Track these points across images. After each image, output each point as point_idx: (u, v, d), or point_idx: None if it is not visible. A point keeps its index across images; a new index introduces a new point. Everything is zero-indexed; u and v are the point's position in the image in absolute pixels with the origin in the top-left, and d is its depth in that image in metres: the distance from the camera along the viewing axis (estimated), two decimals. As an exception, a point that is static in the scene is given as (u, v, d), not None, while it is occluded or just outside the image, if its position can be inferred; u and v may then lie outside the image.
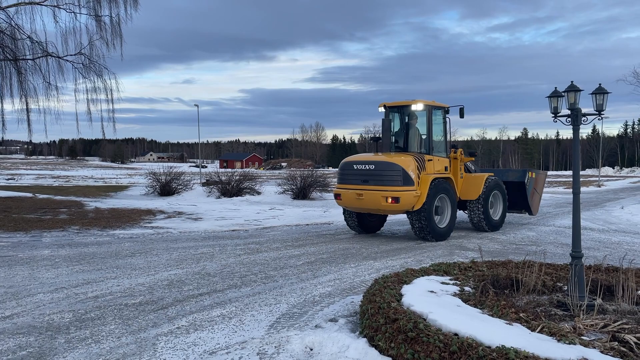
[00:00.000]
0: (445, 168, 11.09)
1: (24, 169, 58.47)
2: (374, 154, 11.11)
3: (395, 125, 11.43)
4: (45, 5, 13.16)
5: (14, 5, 12.95)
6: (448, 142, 11.54)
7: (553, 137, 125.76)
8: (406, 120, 11.26)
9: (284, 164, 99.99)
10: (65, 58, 13.65)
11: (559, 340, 3.73)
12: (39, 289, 6.47)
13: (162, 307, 5.76)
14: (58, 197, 18.59)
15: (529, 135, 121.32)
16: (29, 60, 13.44)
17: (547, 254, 8.49)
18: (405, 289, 5.10)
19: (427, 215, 10.10)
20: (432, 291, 5.08)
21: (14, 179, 36.02)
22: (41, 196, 18.82)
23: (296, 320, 5.34)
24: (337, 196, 10.88)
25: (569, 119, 5.11)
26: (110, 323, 5.20)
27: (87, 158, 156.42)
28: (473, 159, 12.10)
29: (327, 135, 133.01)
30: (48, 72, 13.62)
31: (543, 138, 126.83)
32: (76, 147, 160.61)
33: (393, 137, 11.17)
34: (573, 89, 5.07)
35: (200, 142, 41.31)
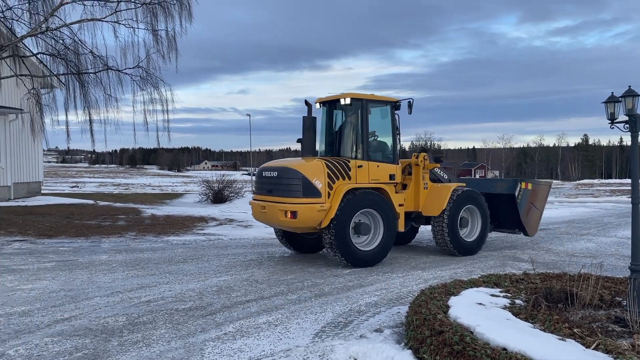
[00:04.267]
0: (391, 176, 9.07)
1: (88, 177, 61.43)
2: (288, 159, 9.56)
3: (333, 125, 9.48)
4: (106, 21, 13.82)
5: (78, 22, 13.68)
6: (398, 144, 9.40)
7: (616, 143, 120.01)
8: (342, 119, 9.35)
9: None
10: (124, 71, 14.26)
11: (615, 358, 3.54)
12: (96, 293, 6.76)
13: (210, 313, 5.89)
14: (117, 204, 19.39)
15: (590, 142, 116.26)
16: (91, 74, 14.14)
17: (607, 266, 8.08)
18: (453, 301, 4.99)
19: (338, 233, 8.16)
20: (480, 303, 4.94)
21: (78, 186, 37.89)
22: (102, 203, 19.69)
23: (341, 330, 5.32)
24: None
25: (627, 126, 4.86)
26: (161, 327, 5.37)
27: (145, 166, 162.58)
28: (439, 165, 10.12)
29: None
30: (108, 85, 14.28)
31: (605, 144, 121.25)
32: (135, 156, 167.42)
33: (326, 139, 9.48)
34: (631, 93, 4.83)
35: (252, 151, 42.10)
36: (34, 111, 14.59)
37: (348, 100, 8.85)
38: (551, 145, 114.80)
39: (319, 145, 9.50)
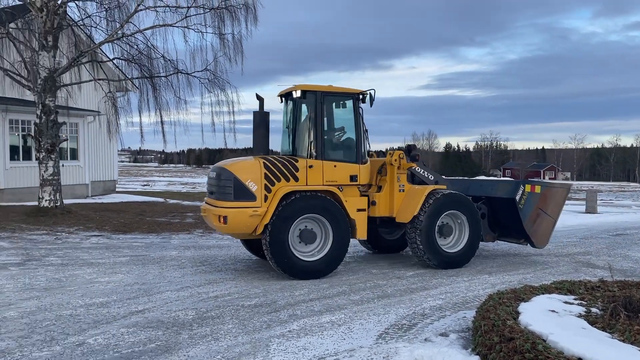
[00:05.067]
0: (353, 177, 8.07)
1: (157, 176, 64.19)
2: (232, 158, 8.66)
3: (290, 120, 8.55)
4: (176, 27, 14.43)
5: (151, 27, 14.36)
6: (363, 141, 8.30)
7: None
8: (297, 113, 8.44)
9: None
10: (193, 74, 14.83)
11: None
12: (167, 287, 7.06)
13: (275, 310, 5.99)
14: (185, 203, 20.15)
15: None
16: (162, 77, 14.81)
17: (694, 276, 7.51)
18: (523, 307, 4.81)
19: (274, 241, 7.38)
20: (553, 311, 4.73)
21: (149, 185, 39.69)
22: (171, 201, 20.53)
23: (405, 332, 5.26)
24: None
25: None
26: (228, 322, 5.52)
27: (211, 166, 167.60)
28: (415, 165, 8.82)
29: (440, 143, 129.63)
30: (178, 88, 14.91)
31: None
32: (202, 156, 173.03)
33: (285, 136, 8.71)
34: None
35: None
36: (110, 113, 15.45)
37: (299, 93, 8.03)
38: (628, 145, 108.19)
39: (281, 144, 8.81)
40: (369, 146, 8.77)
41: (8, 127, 17.67)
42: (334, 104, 8.60)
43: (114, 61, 15.24)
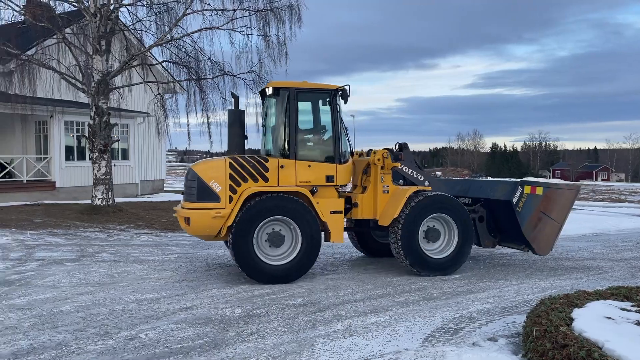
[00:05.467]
0: (329, 178, 7.73)
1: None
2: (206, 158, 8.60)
3: (265, 118, 8.51)
4: (223, 29, 14.71)
5: (198, 30, 14.70)
6: (341, 139, 7.94)
7: None
8: (271, 112, 8.29)
9: (438, 173, 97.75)
10: (238, 76, 15.08)
11: None
12: (213, 285, 7.20)
13: (319, 310, 6.01)
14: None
15: None
16: (209, 79, 15.13)
17: None
18: (577, 313, 4.64)
19: (237, 244, 7.12)
20: (609, 317, 4.54)
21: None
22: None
23: (452, 336, 5.17)
24: None
25: None
26: (273, 321, 5.58)
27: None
28: (399, 164, 8.24)
29: (486, 143, 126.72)
30: (224, 89, 15.19)
31: None
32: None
33: (263, 135, 8.61)
34: None
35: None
36: (159, 114, 15.90)
37: (271, 90, 7.83)
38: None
39: (261, 143, 8.66)
40: (350, 145, 8.35)
41: (63, 128, 18.48)
42: (310, 102, 8.27)
43: (163, 64, 15.67)
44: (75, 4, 14.74)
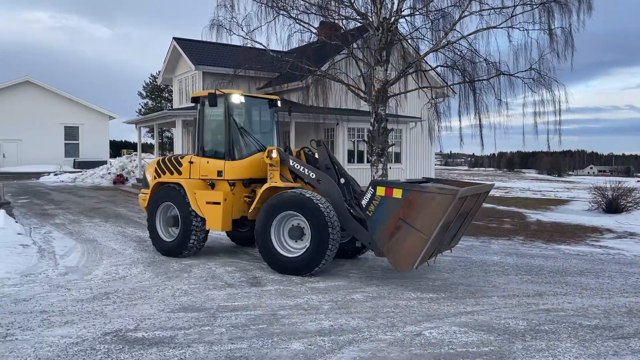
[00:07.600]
0: (219, 172, 8.78)
1: (467, 179, 64.67)
2: None
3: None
4: (500, 28, 14.15)
5: (474, 32, 14.44)
6: (231, 139, 8.80)
7: None
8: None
9: None
10: (516, 75, 14.29)
11: None
12: (493, 292, 6.97)
13: (622, 336, 5.25)
14: (500, 207, 19.67)
15: None
16: (483, 81, 14.75)
17: None
18: None
19: (149, 222, 9.33)
20: None
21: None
22: (485, 205, 20.32)
23: None
24: None
25: None
26: (565, 340, 5.10)
27: (523, 170, 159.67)
28: (291, 161, 8.36)
29: None
30: (499, 90, 14.57)
31: None
32: (513, 159, 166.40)
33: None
34: None
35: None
36: (432, 118, 16.24)
37: (191, 99, 9.46)
38: None
39: None
40: (257, 144, 9.09)
41: (347, 134, 20.52)
42: (211, 107, 8.81)
43: (437, 69, 15.95)
44: (360, 20, 16.19)
